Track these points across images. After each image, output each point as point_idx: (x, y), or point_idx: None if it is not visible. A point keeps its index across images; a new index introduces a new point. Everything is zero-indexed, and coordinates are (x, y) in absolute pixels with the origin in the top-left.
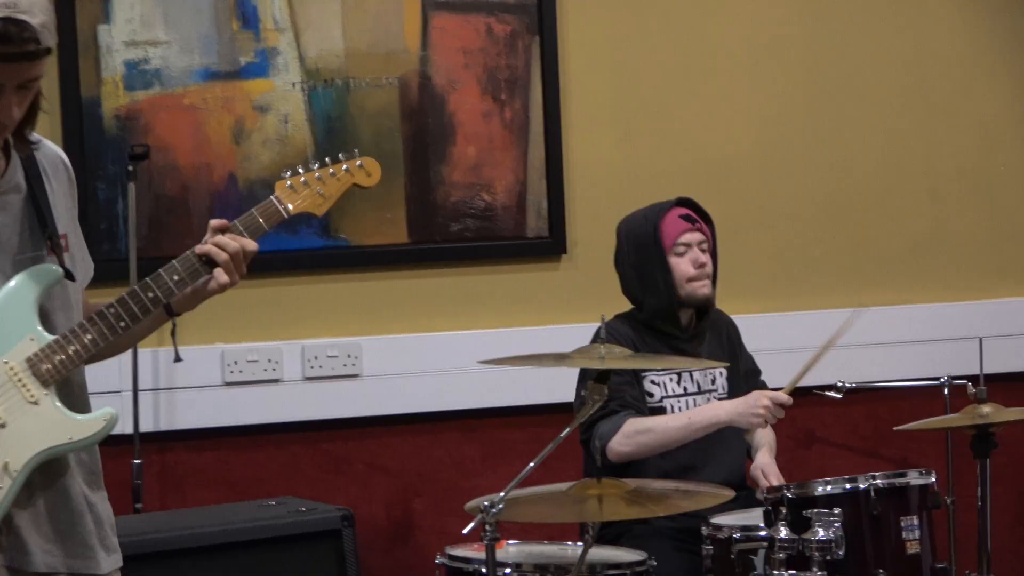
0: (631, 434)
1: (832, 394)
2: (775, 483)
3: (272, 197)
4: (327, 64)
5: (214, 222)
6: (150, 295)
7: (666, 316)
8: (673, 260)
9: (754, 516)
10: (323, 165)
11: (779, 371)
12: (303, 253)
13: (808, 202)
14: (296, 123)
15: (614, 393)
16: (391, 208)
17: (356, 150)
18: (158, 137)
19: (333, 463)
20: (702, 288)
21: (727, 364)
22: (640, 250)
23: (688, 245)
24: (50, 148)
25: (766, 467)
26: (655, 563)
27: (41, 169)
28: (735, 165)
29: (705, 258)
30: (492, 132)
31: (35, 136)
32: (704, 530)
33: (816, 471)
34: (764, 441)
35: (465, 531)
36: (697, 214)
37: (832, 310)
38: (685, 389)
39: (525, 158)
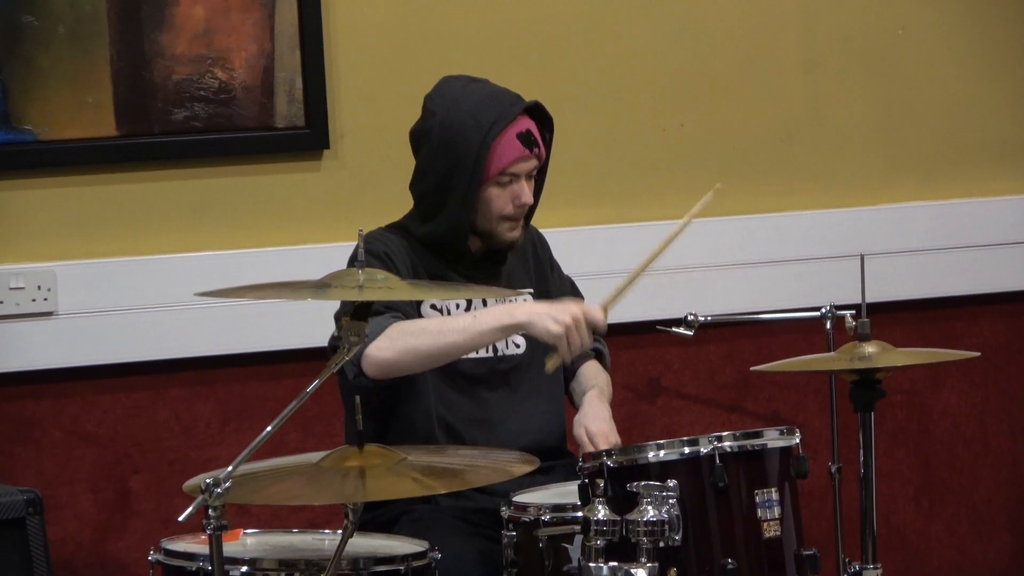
0: (397, 336)
1: (681, 331)
2: (601, 445)
3: None
4: None
5: None
6: None
7: (448, 245)
8: (491, 192)
9: (572, 492)
10: None
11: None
12: None
13: (649, 79)
14: None
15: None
16: (92, 90)
17: None
18: None
19: (19, 431)
20: (511, 232)
21: (530, 291)
22: (452, 161)
23: (516, 176)
24: None
25: (592, 421)
26: (439, 555)
27: None
28: (553, 30)
29: (529, 194)
30: None
31: None
32: (504, 511)
33: (662, 431)
34: (592, 382)
35: (181, 518)
36: (541, 123)
37: (678, 220)
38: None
39: (272, 22)
